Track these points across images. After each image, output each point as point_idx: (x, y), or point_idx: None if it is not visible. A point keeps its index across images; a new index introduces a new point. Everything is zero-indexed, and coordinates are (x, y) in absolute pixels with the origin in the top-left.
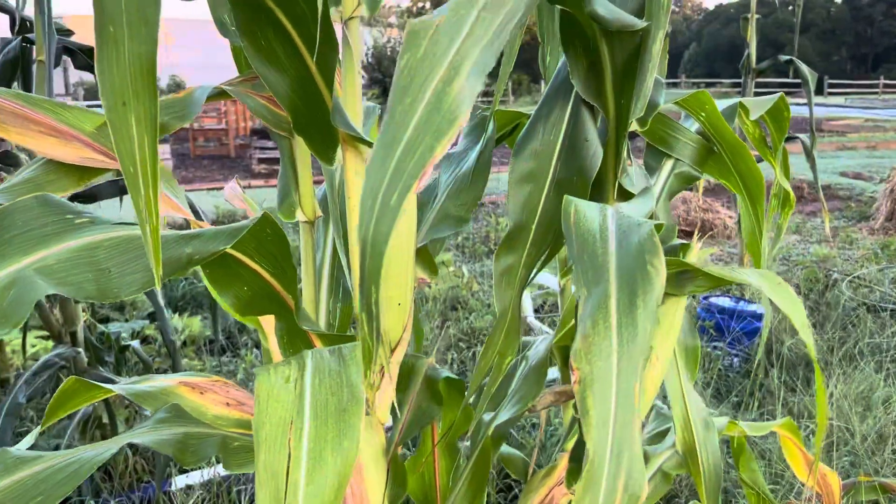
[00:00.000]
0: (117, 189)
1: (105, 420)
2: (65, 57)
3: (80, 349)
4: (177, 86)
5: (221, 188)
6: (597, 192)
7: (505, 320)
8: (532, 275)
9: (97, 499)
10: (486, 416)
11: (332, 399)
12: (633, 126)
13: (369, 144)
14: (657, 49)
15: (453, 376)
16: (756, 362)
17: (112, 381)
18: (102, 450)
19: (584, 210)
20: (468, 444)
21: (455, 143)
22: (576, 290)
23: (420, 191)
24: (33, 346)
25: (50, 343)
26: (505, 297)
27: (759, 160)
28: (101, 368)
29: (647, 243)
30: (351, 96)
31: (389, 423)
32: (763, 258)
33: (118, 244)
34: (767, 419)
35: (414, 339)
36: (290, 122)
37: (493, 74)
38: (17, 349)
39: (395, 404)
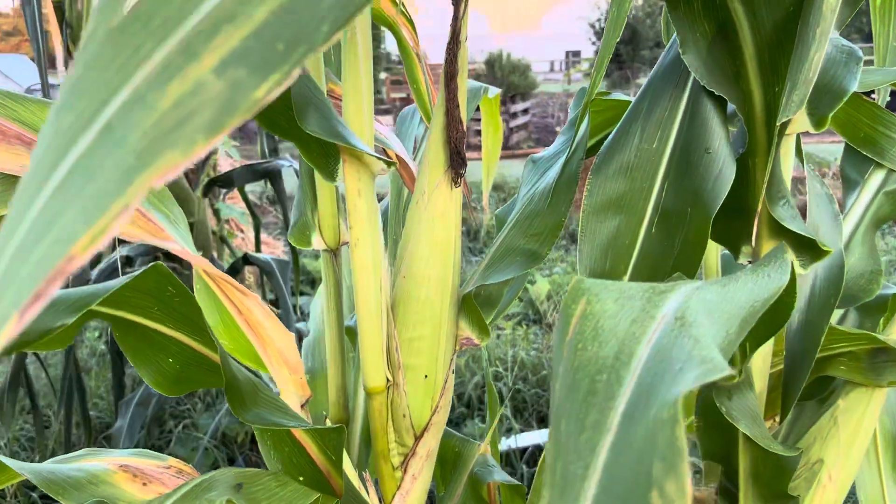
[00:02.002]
0: (251, 175)
1: None
2: None
3: None
4: None
5: None
6: (727, 229)
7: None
8: None
9: None
10: None
11: None
12: (801, 124)
13: (387, 162)
14: (833, 0)
15: (513, 481)
16: None
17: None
18: None
19: (604, 304)
20: None
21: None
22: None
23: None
24: None
25: None
26: None
27: None
28: None
29: (662, 432)
30: (354, 93)
31: None
32: None
33: None
34: None
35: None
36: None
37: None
38: None
39: None
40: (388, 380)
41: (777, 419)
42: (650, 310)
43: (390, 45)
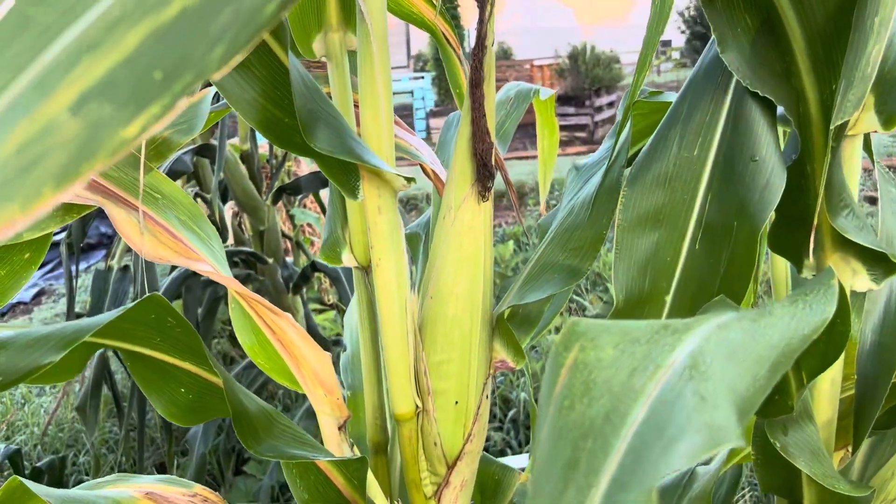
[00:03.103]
0: (319, 182)
1: None
2: None
3: None
4: None
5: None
6: (788, 241)
7: None
8: None
9: None
10: None
11: None
12: (867, 124)
13: (407, 178)
14: None
15: None
16: None
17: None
18: None
19: (600, 351)
20: None
21: None
22: None
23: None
24: None
25: None
26: None
27: None
28: None
29: None
30: (371, 104)
31: None
32: None
33: None
34: None
35: None
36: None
37: None
38: None
39: None
40: (417, 406)
41: (850, 449)
42: (657, 356)
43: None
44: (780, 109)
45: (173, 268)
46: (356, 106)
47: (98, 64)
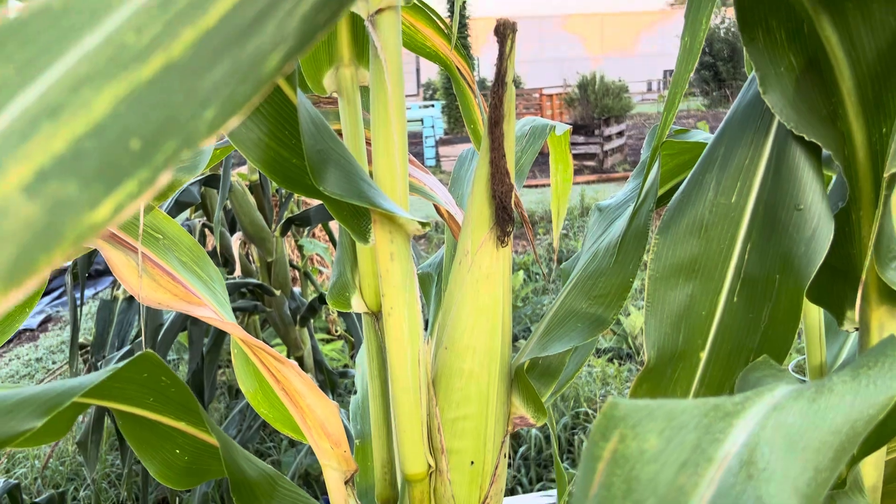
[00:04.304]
0: (329, 214)
1: None
2: None
3: None
4: None
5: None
6: (828, 292)
7: None
8: None
9: None
10: None
11: None
12: None
13: (422, 223)
14: None
15: None
16: None
17: None
18: None
19: (643, 440)
20: None
21: None
22: None
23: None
24: None
25: None
26: None
27: None
28: None
29: None
30: (384, 145)
31: None
32: None
33: None
34: None
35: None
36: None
37: None
38: None
39: None
40: (429, 465)
41: None
42: (707, 447)
43: (485, 70)
44: (824, 153)
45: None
46: (368, 143)
47: (60, 132)
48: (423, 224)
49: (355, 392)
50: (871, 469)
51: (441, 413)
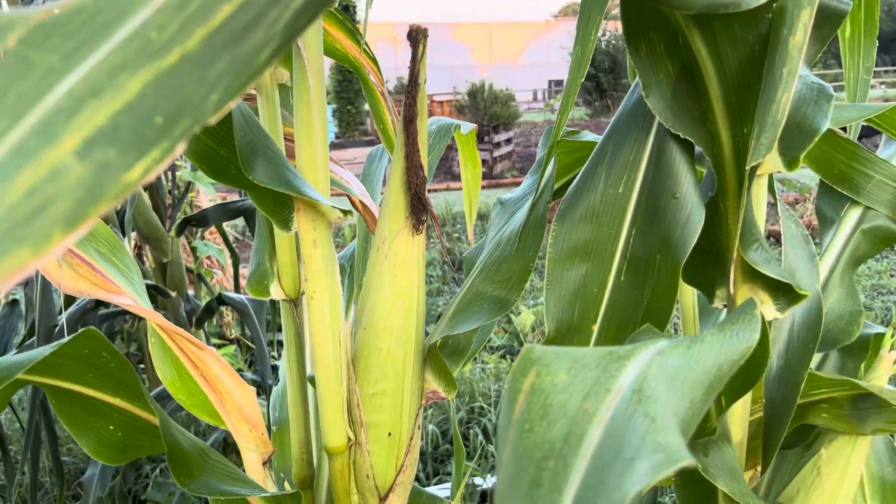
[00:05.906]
0: (226, 214)
1: None
2: None
3: None
4: None
5: None
6: (701, 273)
7: None
8: None
9: None
10: None
11: None
12: (773, 165)
13: (344, 210)
14: (800, 39)
15: None
16: None
17: None
18: None
19: (554, 376)
20: None
21: None
22: None
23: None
24: None
25: None
26: None
27: None
28: None
29: None
30: (307, 137)
31: None
32: None
33: None
34: None
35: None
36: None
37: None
38: None
39: None
40: (349, 438)
41: (759, 469)
42: (606, 381)
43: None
44: (697, 150)
45: (68, 304)
46: (286, 138)
47: (102, 109)
48: (345, 212)
49: (277, 382)
50: (738, 427)
51: (360, 389)
